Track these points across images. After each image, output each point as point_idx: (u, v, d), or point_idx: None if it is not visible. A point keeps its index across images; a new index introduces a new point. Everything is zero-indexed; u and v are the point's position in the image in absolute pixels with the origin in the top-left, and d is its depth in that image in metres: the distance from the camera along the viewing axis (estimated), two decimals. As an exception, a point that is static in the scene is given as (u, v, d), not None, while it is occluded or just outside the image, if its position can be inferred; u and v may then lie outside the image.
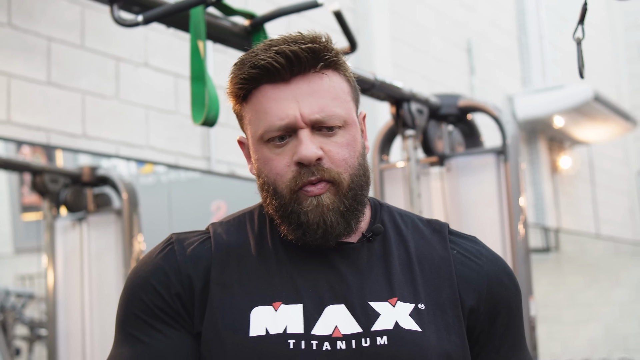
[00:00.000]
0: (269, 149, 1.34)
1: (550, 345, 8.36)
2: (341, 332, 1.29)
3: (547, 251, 8.32)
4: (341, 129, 1.35)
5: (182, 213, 4.69)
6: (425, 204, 3.49)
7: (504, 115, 3.54)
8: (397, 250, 1.39)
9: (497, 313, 1.40)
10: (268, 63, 1.32)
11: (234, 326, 1.29)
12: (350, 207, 1.34)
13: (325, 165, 1.32)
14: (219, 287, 1.33)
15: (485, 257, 1.43)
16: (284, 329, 1.28)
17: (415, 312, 1.32)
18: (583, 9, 1.82)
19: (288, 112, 1.32)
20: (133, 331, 1.35)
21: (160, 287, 1.34)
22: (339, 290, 1.32)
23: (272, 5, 4.02)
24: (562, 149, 8.26)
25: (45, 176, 3.65)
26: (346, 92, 1.38)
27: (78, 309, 3.70)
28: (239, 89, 1.36)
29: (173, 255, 1.37)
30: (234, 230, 1.40)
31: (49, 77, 3.51)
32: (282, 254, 1.36)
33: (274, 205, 1.35)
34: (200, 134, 4.23)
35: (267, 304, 1.31)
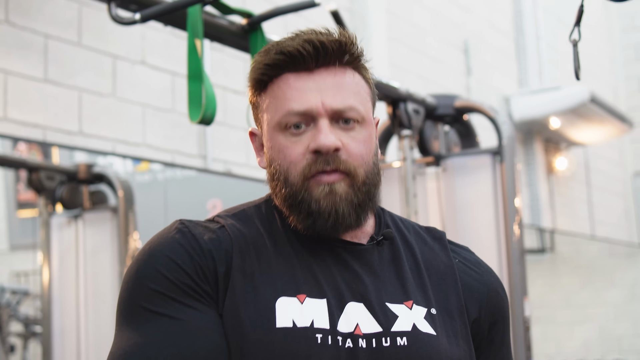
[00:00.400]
0: (284, 136, 1.33)
1: (544, 345, 8.38)
2: (362, 330, 1.28)
3: (542, 252, 8.33)
4: (359, 124, 1.34)
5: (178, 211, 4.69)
6: (421, 204, 3.49)
7: (500, 116, 3.55)
8: (405, 254, 1.40)
9: (494, 322, 1.43)
10: (295, 49, 1.32)
11: (259, 316, 1.26)
12: (363, 202, 1.33)
13: (342, 157, 1.32)
14: (240, 274, 1.29)
15: (483, 267, 1.47)
16: (311, 323, 1.26)
17: (429, 316, 1.34)
18: (579, 10, 1.84)
19: (310, 99, 1.32)
20: (155, 308, 1.26)
21: (183, 264, 1.28)
22: (356, 289, 1.32)
23: (270, 4, 4.02)
24: (558, 150, 8.27)
25: (41, 173, 3.65)
26: (366, 92, 1.39)
27: (73, 306, 3.70)
28: (261, 75, 1.36)
29: (192, 236, 1.31)
30: (243, 223, 1.37)
31: (46, 74, 3.51)
32: (299, 248, 1.35)
33: (283, 194, 1.34)
34: (196, 132, 4.23)
35: (292, 295, 1.29)
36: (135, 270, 1.30)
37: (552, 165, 8.16)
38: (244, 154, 4.43)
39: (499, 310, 1.44)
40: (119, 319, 1.30)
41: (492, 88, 7.24)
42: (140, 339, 1.24)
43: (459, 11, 6.91)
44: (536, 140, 7.87)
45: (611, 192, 9.56)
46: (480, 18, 7.25)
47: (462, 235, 3.38)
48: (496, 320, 1.44)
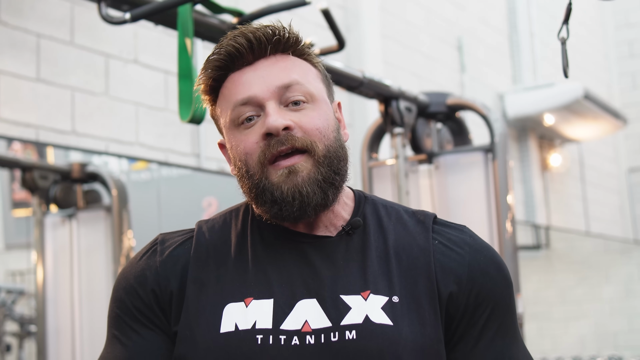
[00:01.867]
0: (239, 132, 1.34)
1: (540, 342, 8.39)
2: (311, 326, 1.28)
3: (537, 248, 8.33)
4: (309, 103, 1.35)
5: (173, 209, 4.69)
6: (414, 201, 3.50)
7: (492, 114, 3.56)
8: (375, 242, 1.37)
9: (478, 303, 1.35)
10: (229, 46, 1.34)
11: (207, 323, 1.30)
12: (327, 176, 1.32)
13: (297, 134, 1.31)
14: (195, 285, 1.34)
15: (470, 245, 1.38)
16: (252, 324, 1.28)
17: (388, 305, 1.30)
18: (568, 8, 1.84)
19: (253, 86, 1.34)
20: (115, 332, 1.38)
21: (140, 289, 1.36)
22: (312, 284, 1.31)
23: (261, 2, 4.03)
24: (553, 146, 8.28)
25: (35, 172, 3.65)
26: (314, 74, 1.39)
27: (67, 305, 3.70)
28: (208, 80, 1.38)
29: (154, 257, 1.38)
30: (218, 228, 1.40)
31: (38, 73, 3.51)
32: (260, 250, 1.36)
33: (248, 187, 1.34)
34: (190, 130, 4.23)
35: (239, 300, 1.31)
36: (113, 291, 1.41)
37: (547, 161, 8.17)
38: (237, 152, 4.42)
39: (485, 290, 1.35)
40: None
41: (486, 85, 7.25)
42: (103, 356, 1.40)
43: (453, 8, 6.91)
44: (530, 137, 7.87)
45: (606, 189, 9.58)
46: (473, 15, 7.25)
47: (455, 233, 3.39)
48: (481, 302, 1.35)
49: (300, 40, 1.39)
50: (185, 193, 4.79)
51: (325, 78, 1.42)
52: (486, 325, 1.36)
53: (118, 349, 1.36)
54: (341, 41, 2.95)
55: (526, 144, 7.82)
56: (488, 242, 3.52)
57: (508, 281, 1.40)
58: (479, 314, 1.35)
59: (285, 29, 1.36)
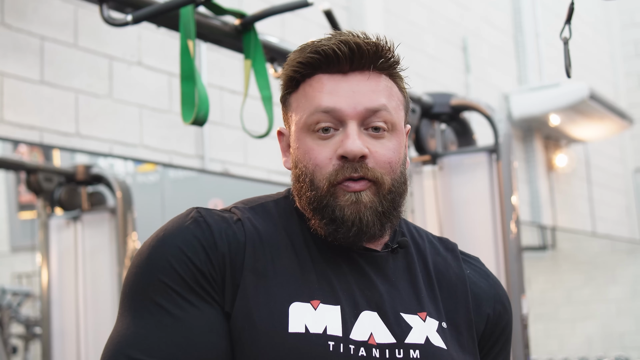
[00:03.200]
0: (312, 138, 1.31)
1: (546, 342, 8.38)
2: (376, 340, 1.27)
3: (544, 249, 8.32)
4: (388, 132, 1.32)
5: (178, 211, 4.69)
6: (418, 202, 3.50)
7: (497, 114, 3.55)
8: (419, 264, 1.38)
9: (498, 335, 1.43)
10: (330, 49, 1.30)
11: (271, 319, 1.24)
12: (388, 211, 1.31)
13: (370, 164, 1.29)
14: (253, 274, 1.27)
15: (491, 278, 1.46)
16: (323, 329, 1.25)
17: (440, 329, 1.32)
18: (570, 8, 1.84)
19: (341, 98, 1.30)
20: (160, 300, 1.24)
21: (195, 258, 1.26)
22: (371, 297, 1.30)
23: (264, 4, 4.02)
24: (558, 147, 8.26)
25: (40, 175, 3.66)
26: (400, 100, 1.36)
27: (72, 307, 3.71)
28: (294, 72, 1.34)
29: (207, 228, 1.29)
30: (260, 218, 1.35)
31: (42, 76, 3.52)
32: (316, 252, 1.32)
33: (308, 197, 1.31)
34: (194, 132, 4.23)
35: (306, 300, 1.27)
36: (147, 257, 1.27)
37: (552, 162, 8.15)
38: (241, 154, 4.43)
39: (504, 323, 1.44)
40: (125, 303, 1.28)
41: (491, 85, 7.24)
42: (140, 330, 1.23)
43: (457, 8, 6.90)
44: (536, 137, 7.86)
45: (612, 189, 9.55)
46: (478, 15, 7.24)
47: (459, 234, 3.38)
48: (501, 333, 1.43)
49: (398, 62, 1.36)
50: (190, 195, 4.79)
51: (407, 104, 1.40)
52: (499, 354, 1.45)
53: (168, 321, 1.23)
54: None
55: (532, 145, 7.80)
56: (492, 243, 3.52)
57: (511, 310, 1.48)
58: (497, 344, 1.44)
59: (390, 50, 1.33)
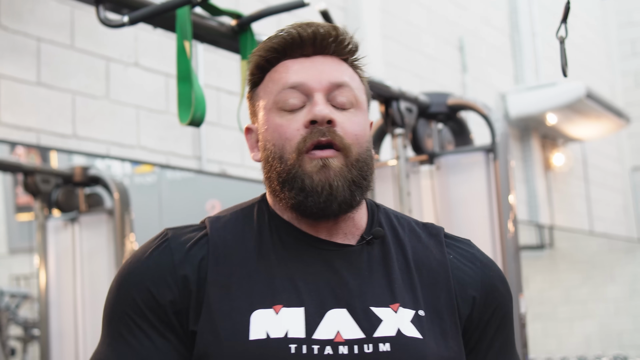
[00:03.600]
0: (280, 116, 1.35)
1: (545, 342, 8.38)
2: (343, 337, 1.27)
3: (541, 248, 8.33)
4: (354, 108, 1.36)
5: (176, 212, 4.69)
6: (415, 202, 3.50)
7: (493, 114, 3.55)
8: (396, 254, 1.37)
9: (489, 318, 1.40)
10: (294, 32, 1.36)
11: (234, 329, 1.26)
12: (357, 179, 1.33)
13: (338, 131, 1.32)
14: (216, 288, 1.29)
15: (480, 261, 1.43)
16: (285, 333, 1.26)
17: (416, 318, 1.31)
18: (566, 8, 1.84)
19: (304, 74, 1.35)
20: (121, 330, 1.31)
21: (154, 289, 1.30)
22: (340, 294, 1.30)
23: (261, 4, 4.03)
24: (555, 146, 8.27)
25: (37, 176, 3.66)
26: (361, 87, 1.41)
27: (70, 309, 3.71)
28: (260, 57, 1.38)
29: (169, 254, 1.32)
30: (231, 227, 1.36)
31: (39, 77, 3.52)
32: (283, 254, 1.33)
33: (278, 172, 1.33)
34: (191, 133, 4.23)
35: (268, 306, 1.28)
36: (115, 286, 1.35)
37: (550, 161, 8.16)
38: (239, 154, 4.43)
39: (495, 305, 1.40)
40: (102, 326, 1.36)
41: (488, 85, 7.24)
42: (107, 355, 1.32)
43: (454, 8, 6.91)
44: (533, 136, 7.86)
45: (609, 188, 9.56)
46: (475, 15, 7.25)
47: (457, 233, 3.36)
48: (491, 316, 1.40)
49: (358, 49, 1.41)
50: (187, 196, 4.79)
51: (367, 94, 1.44)
52: (495, 337, 1.41)
53: (124, 349, 1.30)
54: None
55: (529, 144, 7.81)
56: (490, 242, 3.52)
57: (510, 293, 1.45)
58: (490, 327, 1.40)
59: (350, 36, 1.39)
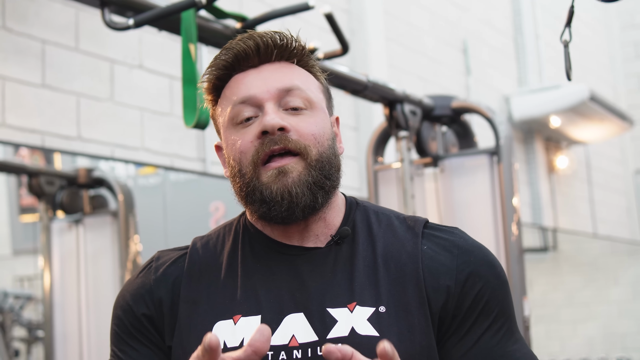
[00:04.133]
0: (236, 130, 1.36)
1: (548, 344, 8.38)
2: (298, 341, 1.29)
3: (545, 251, 8.33)
4: (308, 110, 1.37)
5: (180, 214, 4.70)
6: (419, 204, 3.50)
7: (497, 116, 3.56)
8: (363, 251, 1.37)
9: (469, 304, 1.34)
10: (237, 46, 1.37)
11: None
12: (317, 180, 1.33)
13: (292, 137, 1.33)
14: (187, 304, 1.36)
15: (459, 247, 1.37)
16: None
17: (374, 316, 1.30)
18: (570, 11, 1.84)
19: (254, 86, 1.36)
20: (113, 347, 1.43)
21: (135, 307, 1.40)
22: (299, 298, 1.32)
23: (266, 7, 4.03)
24: (559, 148, 8.27)
25: (41, 178, 3.67)
26: (315, 85, 1.41)
27: (75, 310, 3.71)
28: (212, 78, 1.40)
29: (149, 276, 1.41)
30: (212, 245, 1.42)
31: (44, 79, 3.52)
32: (250, 265, 1.37)
33: (239, 186, 1.36)
34: (195, 135, 4.24)
35: (228, 317, 1.33)
36: (113, 307, 1.46)
37: (553, 163, 8.16)
38: (243, 156, 4.42)
39: (476, 291, 1.34)
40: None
41: (491, 88, 7.25)
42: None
43: (457, 11, 6.91)
44: (537, 139, 7.86)
45: (613, 190, 9.56)
46: (478, 17, 7.25)
47: (461, 236, 3.38)
48: (474, 302, 1.34)
49: (306, 50, 1.42)
50: (192, 198, 4.80)
51: (326, 91, 1.45)
52: (477, 324, 1.35)
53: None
54: (345, 45, 2.95)
55: (532, 146, 7.81)
56: (494, 245, 3.52)
57: (502, 282, 1.39)
58: (471, 313, 1.35)
59: (292, 38, 1.39)
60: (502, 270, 1.41)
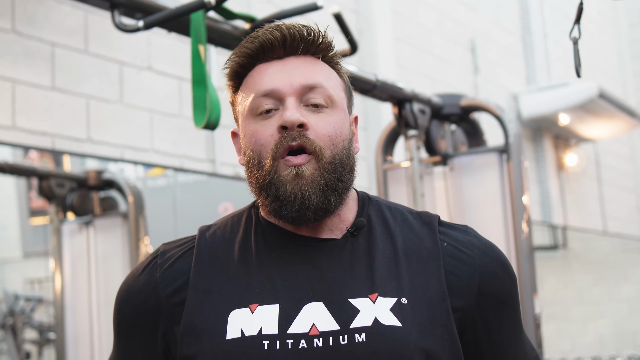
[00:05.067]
0: (255, 121, 1.36)
1: (558, 342, 8.36)
2: (318, 329, 1.29)
3: (555, 249, 8.31)
4: (329, 108, 1.37)
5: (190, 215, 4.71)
6: (429, 203, 3.50)
7: (506, 114, 3.55)
8: (382, 244, 1.38)
9: (487, 305, 1.38)
10: (264, 37, 1.37)
11: (213, 330, 1.31)
12: (330, 182, 1.34)
13: (310, 135, 1.33)
14: (197, 293, 1.36)
15: (477, 247, 1.41)
16: (259, 330, 1.29)
17: (397, 306, 1.31)
18: (579, 9, 1.84)
19: (277, 79, 1.36)
20: (116, 336, 1.46)
21: (139, 304, 1.41)
22: (318, 287, 1.32)
23: (274, 7, 4.04)
24: (568, 146, 8.26)
25: (52, 180, 3.67)
26: (338, 83, 1.42)
27: (86, 312, 3.72)
28: (235, 65, 1.40)
29: (154, 272, 1.41)
30: (220, 234, 1.43)
31: (53, 82, 3.54)
32: (264, 255, 1.37)
33: (255, 177, 1.37)
34: (204, 136, 4.25)
35: (244, 306, 1.32)
36: (116, 298, 1.47)
37: (562, 161, 8.14)
38: (252, 157, 4.43)
39: (494, 292, 1.39)
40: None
41: (499, 86, 7.24)
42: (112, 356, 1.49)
43: (465, 10, 6.91)
44: (546, 137, 7.85)
45: (622, 188, 9.54)
46: (486, 16, 7.25)
47: (471, 234, 3.38)
48: (490, 303, 1.38)
49: (332, 47, 1.41)
50: (201, 199, 4.80)
51: (348, 90, 1.44)
52: (495, 322, 1.40)
53: (114, 352, 1.47)
54: (354, 45, 2.95)
55: (541, 144, 7.80)
56: (504, 243, 3.51)
57: (513, 279, 1.43)
58: (488, 313, 1.39)
59: (320, 33, 1.39)
60: (512, 269, 1.45)
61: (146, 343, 1.40)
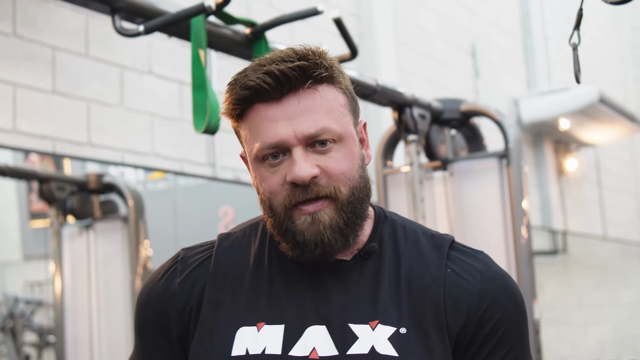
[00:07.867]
0: (264, 167, 1.34)
1: (559, 347, 8.36)
2: (318, 354, 1.30)
3: (555, 253, 8.31)
4: (336, 143, 1.33)
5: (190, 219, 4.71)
6: (429, 208, 3.50)
7: (506, 119, 3.55)
8: (389, 269, 1.37)
9: (486, 333, 1.36)
10: (257, 84, 1.30)
11: (220, 345, 1.33)
12: (349, 222, 1.33)
13: (322, 181, 1.31)
14: (211, 305, 1.38)
15: (482, 274, 1.38)
16: (262, 350, 1.31)
17: (395, 336, 1.31)
18: (578, 14, 1.84)
19: (279, 130, 1.31)
20: (137, 339, 1.48)
21: (160, 310, 1.43)
22: (322, 310, 1.33)
23: (275, 12, 4.04)
24: (568, 151, 8.26)
25: (52, 184, 3.68)
26: (342, 105, 1.36)
27: (86, 315, 3.72)
28: (232, 110, 1.36)
29: (174, 279, 1.43)
30: (237, 245, 1.43)
31: (54, 85, 3.54)
32: (276, 273, 1.38)
33: (271, 223, 1.36)
34: (205, 140, 4.25)
35: (252, 324, 1.34)
36: (137, 302, 1.49)
37: (563, 166, 8.14)
38: (252, 161, 4.42)
39: (495, 320, 1.35)
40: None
41: (500, 90, 7.24)
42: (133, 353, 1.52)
43: (466, 13, 6.91)
44: (546, 141, 7.85)
45: (623, 193, 9.54)
46: (487, 20, 7.25)
47: (470, 239, 3.38)
48: (491, 331, 1.35)
49: (333, 71, 1.35)
50: (201, 203, 4.81)
51: (353, 103, 1.40)
52: (493, 353, 1.36)
53: (134, 355, 1.49)
54: (354, 50, 2.95)
55: (542, 149, 7.80)
56: (503, 248, 3.51)
57: (520, 309, 1.40)
58: (487, 343, 1.36)
59: (317, 65, 1.32)
60: (522, 301, 1.41)
61: (165, 346, 1.43)
